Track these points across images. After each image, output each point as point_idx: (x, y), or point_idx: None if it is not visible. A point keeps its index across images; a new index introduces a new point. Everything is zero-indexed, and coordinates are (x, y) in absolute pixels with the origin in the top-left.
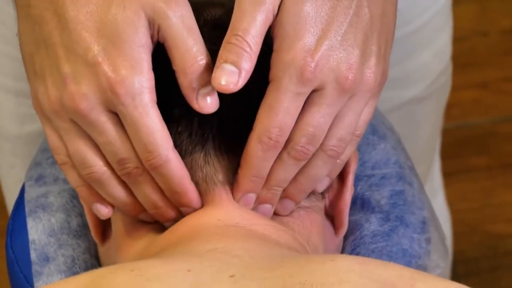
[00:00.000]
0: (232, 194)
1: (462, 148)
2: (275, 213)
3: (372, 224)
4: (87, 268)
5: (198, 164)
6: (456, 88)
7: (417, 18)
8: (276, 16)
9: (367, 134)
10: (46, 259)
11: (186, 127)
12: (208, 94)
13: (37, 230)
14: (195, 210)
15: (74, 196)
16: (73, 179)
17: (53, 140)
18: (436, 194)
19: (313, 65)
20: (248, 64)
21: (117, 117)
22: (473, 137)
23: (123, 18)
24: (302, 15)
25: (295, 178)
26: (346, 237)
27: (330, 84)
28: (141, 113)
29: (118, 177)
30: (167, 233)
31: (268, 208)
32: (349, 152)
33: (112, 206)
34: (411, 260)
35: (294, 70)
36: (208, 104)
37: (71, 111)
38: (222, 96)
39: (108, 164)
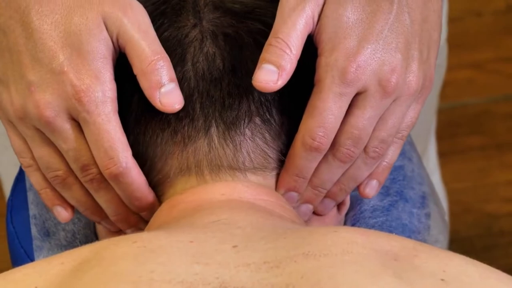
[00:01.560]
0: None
1: (456, 128)
2: (314, 213)
3: (372, 199)
4: (87, 243)
5: (202, 151)
6: (450, 68)
7: None
8: (317, 23)
9: None
10: (46, 234)
11: (187, 113)
12: (170, 92)
13: (37, 205)
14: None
15: None
16: (37, 181)
17: (17, 144)
18: (432, 174)
19: (355, 66)
20: (288, 65)
21: (80, 125)
22: (468, 117)
23: (86, 29)
24: (343, 20)
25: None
26: (346, 213)
27: (373, 86)
28: (104, 120)
29: (81, 183)
30: (170, 207)
31: (309, 208)
32: (394, 154)
33: (73, 210)
34: (411, 235)
35: (337, 71)
36: (170, 102)
37: (35, 118)
38: (221, 80)
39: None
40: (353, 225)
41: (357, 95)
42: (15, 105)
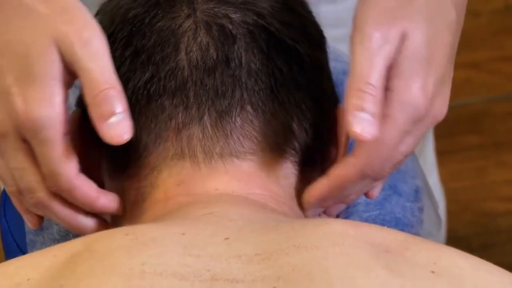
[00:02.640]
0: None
1: (454, 128)
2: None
3: None
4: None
5: (196, 137)
6: None
7: None
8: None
9: None
10: (40, 228)
11: (181, 100)
12: (117, 124)
13: None
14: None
15: None
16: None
17: None
18: (430, 173)
19: (428, 104)
20: (378, 109)
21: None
22: (465, 116)
23: (36, 50)
24: (420, 56)
25: None
26: None
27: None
28: (46, 146)
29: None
30: (166, 199)
31: (319, 211)
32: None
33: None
34: (404, 228)
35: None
36: (117, 133)
37: None
38: (214, 69)
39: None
40: (346, 218)
41: None
42: None
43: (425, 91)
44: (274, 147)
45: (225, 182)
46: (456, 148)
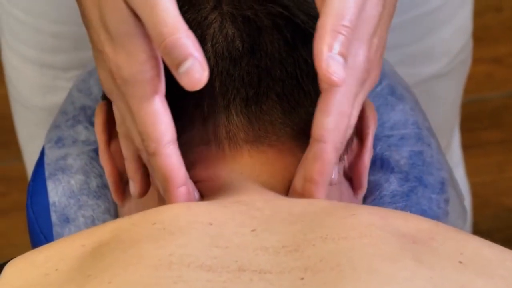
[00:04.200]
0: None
1: (475, 123)
2: None
3: (392, 184)
4: None
5: (222, 124)
6: None
7: None
8: None
9: (386, 95)
10: (66, 220)
11: (207, 89)
12: (190, 69)
13: (57, 193)
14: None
15: (93, 157)
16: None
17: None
18: (456, 168)
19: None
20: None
21: None
22: (487, 111)
23: (108, 7)
24: None
25: None
26: (365, 198)
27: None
28: (136, 103)
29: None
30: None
31: None
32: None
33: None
34: None
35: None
36: (190, 80)
37: None
38: (240, 60)
39: None
40: None
41: None
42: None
43: (369, 56)
44: (298, 135)
45: (250, 166)
46: (477, 143)
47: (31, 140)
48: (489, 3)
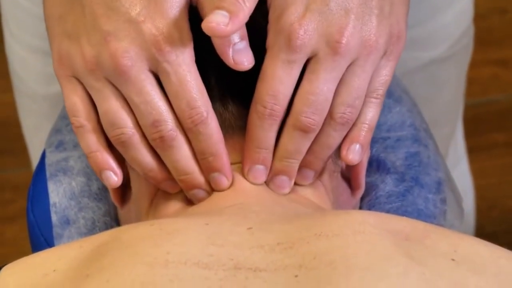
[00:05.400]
0: None
1: (481, 125)
2: (296, 183)
3: (388, 184)
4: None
5: (218, 111)
6: (475, 65)
7: None
8: None
9: None
10: (67, 222)
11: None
12: (242, 50)
13: (58, 194)
14: (222, 182)
15: None
16: (86, 144)
17: (73, 102)
18: (460, 161)
19: (301, 31)
20: (240, 14)
21: (155, 78)
22: (493, 113)
23: None
24: None
25: (310, 147)
26: (362, 198)
27: (322, 49)
28: (185, 70)
29: (147, 142)
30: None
31: (285, 180)
32: (374, 115)
33: (122, 175)
34: (426, 219)
35: (283, 37)
36: (242, 60)
37: (110, 68)
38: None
39: (138, 126)
40: (368, 210)
41: (309, 60)
42: (86, 57)
43: (300, 18)
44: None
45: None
46: (483, 145)
47: (35, 132)
48: (494, 5)
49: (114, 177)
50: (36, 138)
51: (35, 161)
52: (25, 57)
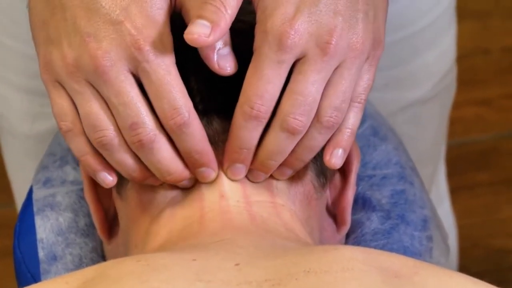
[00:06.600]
0: None
1: (465, 165)
2: (271, 176)
3: (373, 222)
4: None
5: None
6: (458, 105)
7: (420, 18)
8: None
9: (368, 136)
10: (53, 257)
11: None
12: (226, 56)
13: (45, 229)
14: (209, 175)
15: (81, 196)
16: (77, 147)
17: (60, 106)
18: (442, 201)
19: (291, 31)
20: (222, 22)
21: (135, 79)
22: (476, 153)
23: None
24: None
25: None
26: (347, 236)
27: (312, 50)
28: (165, 69)
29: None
30: (171, 217)
31: (261, 174)
32: (356, 119)
33: (116, 175)
34: (412, 257)
35: (273, 38)
36: (225, 65)
37: (90, 69)
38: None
39: (119, 129)
40: None
41: (297, 60)
42: (67, 59)
43: (290, 19)
44: None
45: (231, 186)
46: (466, 185)
47: (19, 170)
48: (477, 45)
49: (109, 177)
50: (20, 176)
51: (19, 199)
52: (7, 96)
